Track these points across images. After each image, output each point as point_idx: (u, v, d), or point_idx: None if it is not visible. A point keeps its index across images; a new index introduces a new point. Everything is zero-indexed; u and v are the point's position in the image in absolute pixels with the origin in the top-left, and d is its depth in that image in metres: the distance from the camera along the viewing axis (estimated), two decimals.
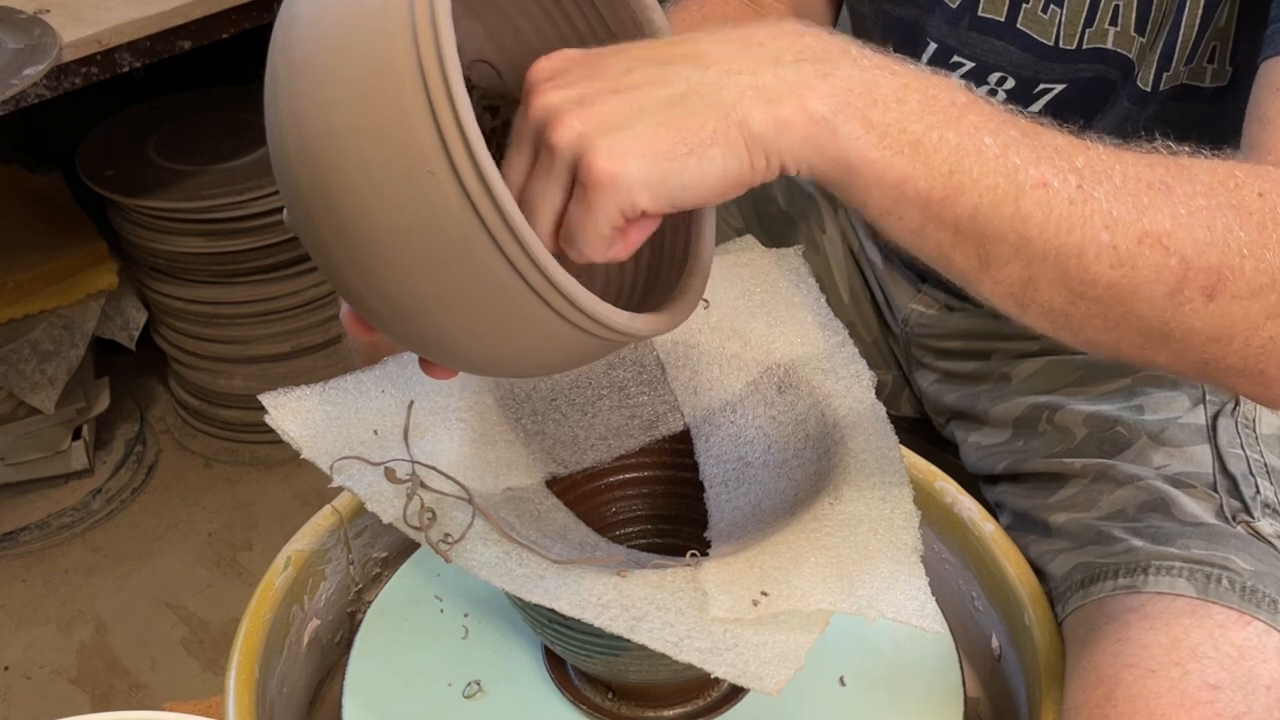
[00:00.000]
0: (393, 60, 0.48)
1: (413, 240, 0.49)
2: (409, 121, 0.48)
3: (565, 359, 0.57)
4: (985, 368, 0.96)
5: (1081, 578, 0.75)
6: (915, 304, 1.00)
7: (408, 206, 0.49)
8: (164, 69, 1.63)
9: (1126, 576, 0.73)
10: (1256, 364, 0.57)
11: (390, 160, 0.48)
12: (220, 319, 1.90)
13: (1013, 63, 0.83)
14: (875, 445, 0.70)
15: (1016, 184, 0.53)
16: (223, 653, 1.31)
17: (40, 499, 1.89)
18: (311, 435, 0.69)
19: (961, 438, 0.97)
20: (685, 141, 0.50)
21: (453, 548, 0.63)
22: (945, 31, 0.84)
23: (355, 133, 0.49)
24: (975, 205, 0.52)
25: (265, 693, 0.73)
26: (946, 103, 0.53)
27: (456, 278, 0.50)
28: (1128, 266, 0.54)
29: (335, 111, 0.49)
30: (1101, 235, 0.53)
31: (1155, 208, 0.54)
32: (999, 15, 0.81)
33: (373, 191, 0.49)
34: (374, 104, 0.48)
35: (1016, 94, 0.83)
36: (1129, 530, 0.76)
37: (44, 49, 1.31)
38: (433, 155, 0.48)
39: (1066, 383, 0.90)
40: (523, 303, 0.51)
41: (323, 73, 0.49)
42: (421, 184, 0.48)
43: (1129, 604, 0.71)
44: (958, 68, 0.85)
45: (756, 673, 0.56)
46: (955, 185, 0.52)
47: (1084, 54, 0.80)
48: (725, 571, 0.61)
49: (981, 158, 0.52)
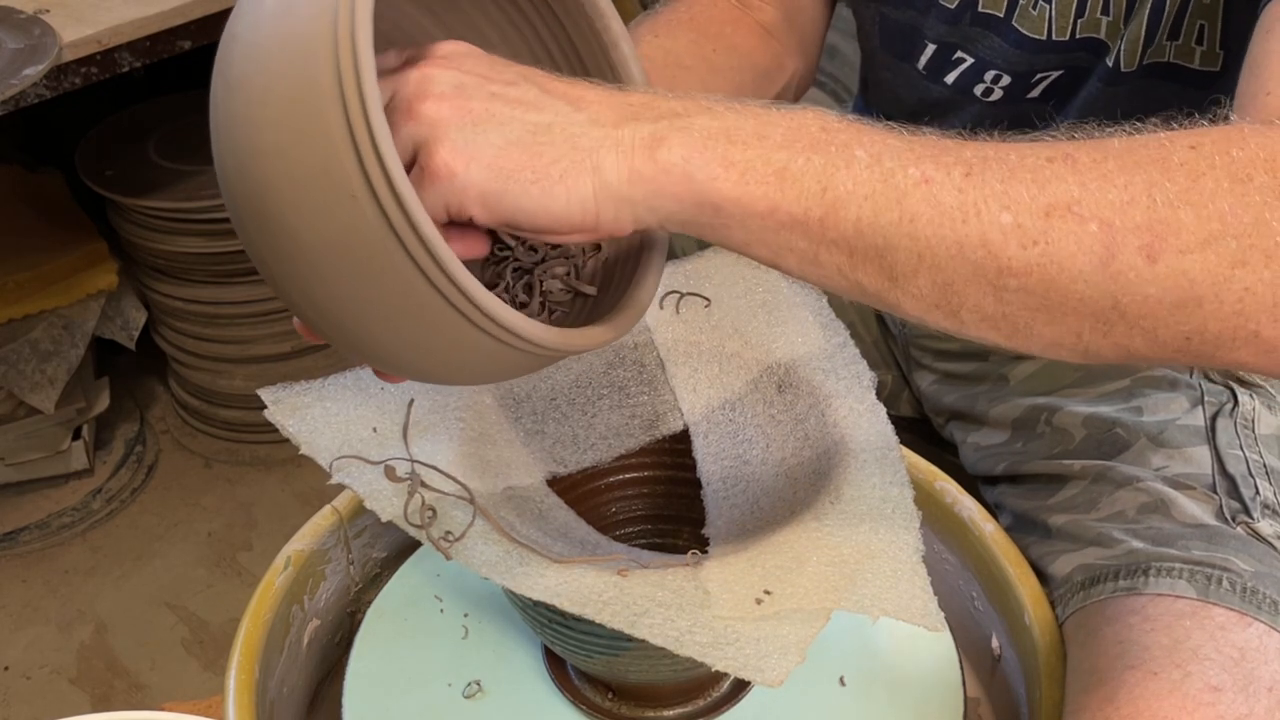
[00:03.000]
0: (315, 84, 0.49)
1: (339, 258, 0.51)
2: (331, 145, 0.49)
3: (498, 370, 0.58)
4: (983, 368, 0.96)
5: (1082, 579, 0.75)
6: None
7: (332, 226, 0.50)
8: (164, 69, 1.63)
9: (1127, 578, 0.72)
10: (1244, 324, 0.51)
11: (314, 181, 0.49)
12: (220, 319, 1.90)
13: (1007, 60, 0.83)
14: (875, 445, 0.70)
15: (895, 186, 0.51)
16: (223, 653, 1.31)
17: (40, 499, 1.89)
18: (310, 431, 0.69)
19: (960, 438, 0.97)
20: (534, 168, 0.51)
21: (453, 545, 0.63)
22: (944, 31, 0.85)
23: (282, 153, 0.50)
24: (857, 217, 0.51)
25: (265, 693, 0.73)
26: (815, 129, 0.52)
27: (382, 295, 0.51)
28: (1042, 244, 0.51)
29: (264, 132, 0.50)
30: (1002, 217, 0.50)
31: (1058, 178, 0.51)
32: (999, 10, 0.82)
33: (299, 210, 0.50)
34: (299, 126, 0.49)
35: (1014, 88, 0.84)
36: (1129, 532, 0.76)
37: (44, 49, 1.31)
38: (354, 180, 0.49)
39: (1065, 383, 0.90)
40: (446, 319, 0.52)
41: (254, 93, 0.50)
42: (344, 206, 0.49)
43: (1130, 606, 0.71)
44: (958, 64, 0.85)
45: (758, 666, 0.57)
46: (830, 202, 0.51)
47: (1077, 42, 0.80)
48: (727, 571, 0.61)
49: (853, 169, 0.51)
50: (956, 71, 0.86)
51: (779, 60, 0.92)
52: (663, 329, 0.79)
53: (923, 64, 0.88)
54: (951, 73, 0.86)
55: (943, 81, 0.88)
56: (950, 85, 0.87)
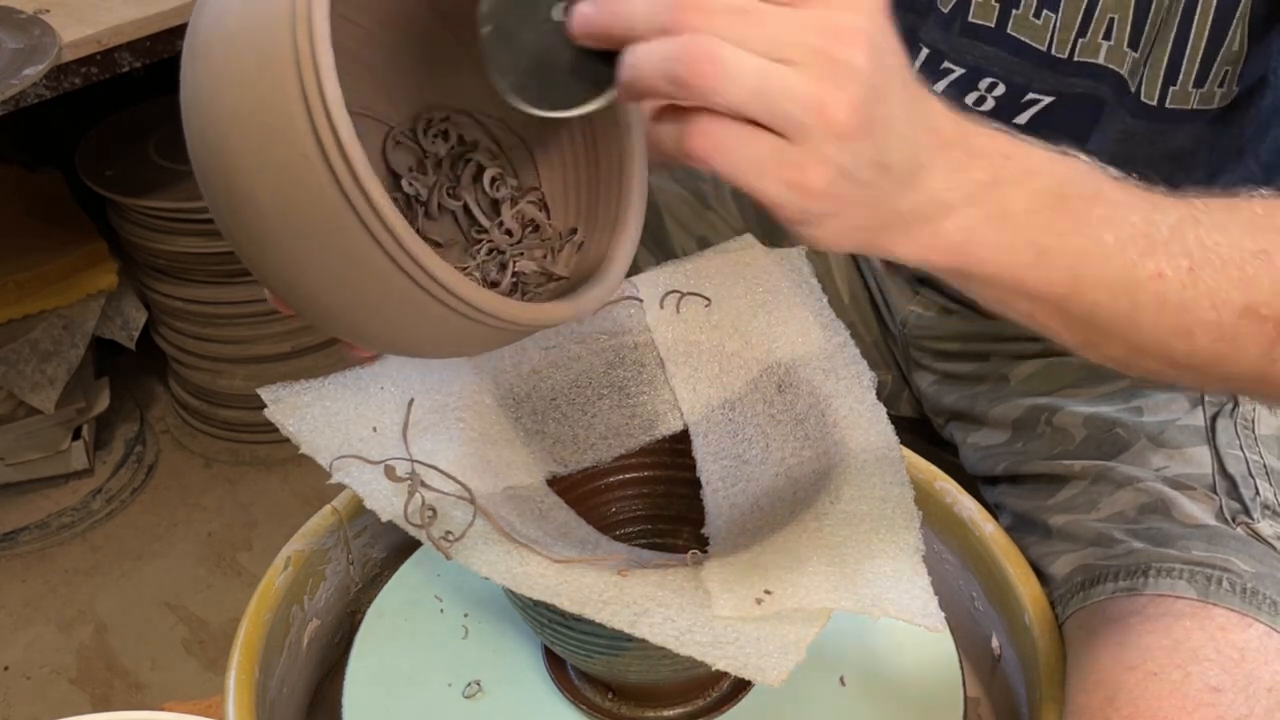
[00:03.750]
0: (274, 48, 0.49)
1: (294, 221, 0.51)
2: (286, 107, 0.49)
3: (459, 343, 0.58)
4: (984, 369, 0.96)
5: (1082, 580, 0.75)
6: (913, 305, 1.00)
7: (287, 188, 0.50)
8: (164, 69, 1.63)
9: (1127, 579, 0.73)
10: None
11: (270, 143, 0.50)
12: (220, 319, 1.90)
13: (1004, 68, 0.82)
14: (875, 445, 0.70)
15: (1133, 279, 0.54)
16: (223, 653, 1.31)
17: (40, 499, 1.89)
18: (310, 431, 0.69)
19: (960, 439, 0.97)
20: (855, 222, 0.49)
21: (453, 545, 0.63)
22: (938, 37, 0.84)
23: (240, 116, 0.50)
24: (1094, 301, 0.54)
25: (265, 693, 0.73)
26: (1075, 199, 0.54)
27: (337, 261, 0.52)
28: (1229, 339, 0.55)
29: (225, 95, 0.51)
30: (1209, 314, 0.55)
31: (1257, 278, 0.56)
32: (989, 21, 0.81)
33: (257, 172, 0.50)
34: (256, 89, 0.50)
35: (1005, 101, 0.83)
36: (1129, 532, 0.76)
37: (44, 49, 1.31)
38: (306, 141, 0.49)
39: (1065, 384, 0.90)
40: (398, 285, 0.52)
41: (217, 57, 0.51)
42: (298, 168, 0.49)
43: (1130, 606, 0.71)
44: (948, 74, 0.84)
45: (758, 665, 0.57)
46: (1073, 285, 0.54)
47: (1074, 66, 0.79)
48: (728, 571, 0.61)
49: (1102, 260, 0.54)
50: (946, 80, 0.85)
51: None
52: (663, 328, 0.79)
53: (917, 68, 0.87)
54: (940, 81, 0.85)
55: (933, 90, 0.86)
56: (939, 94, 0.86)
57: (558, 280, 0.65)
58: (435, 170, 0.67)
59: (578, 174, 0.66)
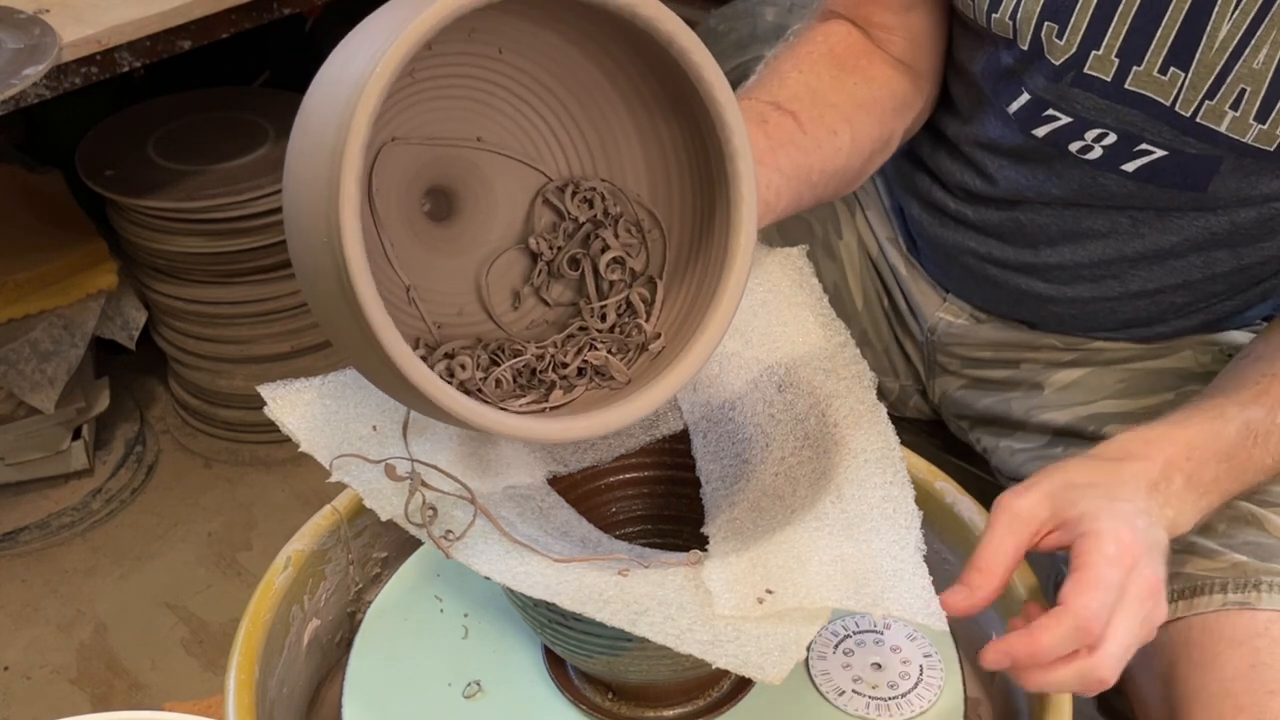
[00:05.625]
0: (325, 135, 0.55)
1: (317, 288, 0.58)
2: (320, 192, 0.55)
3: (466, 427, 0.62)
4: (1016, 375, 0.96)
5: (1181, 588, 0.76)
6: (942, 313, 0.99)
7: (312, 260, 0.57)
8: (164, 69, 1.63)
9: (1236, 592, 0.74)
10: None
11: (308, 214, 0.56)
12: (220, 319, 1.90)
13: (1118, 119, 0.80)
14: (876, 445, 0.70)
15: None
16: (223, 653, 1.30)
17: (40, 499, 1.89)
18: (310, 429, 0.69)
19: (991, 443, 0.97)
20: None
21: (454, 544, 0.63)
22: (1044, 86, 0.81)
23: (297, 182, 0.57)
24: None
25: (265, 693, 0.73)
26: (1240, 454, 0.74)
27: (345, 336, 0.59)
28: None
29: (295, 158, 0.57)
30: None
31: None
32: (1106, 75, 0.78)
33: (299, 235, 0.57)
34: (310, 162, 0.56)
35: (1114, 151, 0.81)
36: (1224, 544, 0.77)
37: (44, 49, 1.31)
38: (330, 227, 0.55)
39: (1106, 394, 0.91)
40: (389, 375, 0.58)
41: (301, 123, 0.58)
42: (319, 248, 0.56)
43: (1252, 628, 0.73)
44: (1051, 121, 0.82)
45: (759, 663, 0.57)
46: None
47: (1193, 127, 0.77)
48: (729, 570, 0.61)
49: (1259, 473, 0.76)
50: (1048, 127, 0.83)
51: (912, 90, 0.90)
52: None
53: (1014, 109, 0.84)
54: (1041, 127, 0.83)
55: (1031, 134, 0.84)
56: (1040, 139, 0.84)
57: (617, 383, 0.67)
58: (568, 237, 0.69)
59: (695, 286, 0.67)
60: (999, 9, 0.80)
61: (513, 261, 0.70)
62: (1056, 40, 0.78)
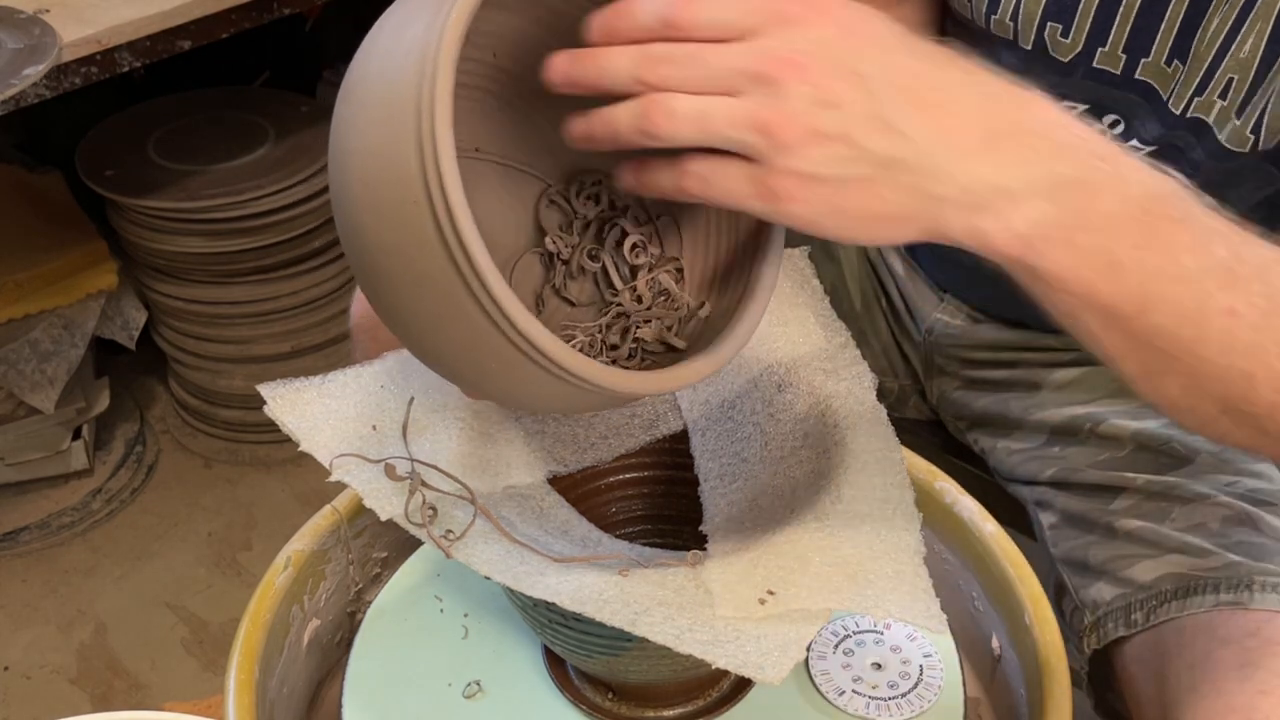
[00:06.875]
0: (401, 97, 0.53)
1: (399, 261, 0.54)
2: (402, 151, 0.52)
3: (549, 402, 0.61)
4: (1014, 375, 0.96)
5: (1175, 588, 0.76)
6: (939, 313, 0.99)
7: (395, 228, 0.53)
8: (164, 69, 1.63)
9: (1229, 591, 0.73)
10: None
11: (385, 182, 0.53)
12: (220, 319, 1.90)
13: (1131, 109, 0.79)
14: (876, 446, 0.70)
15: (1204, 309, 0.53)
16: (223, 653, 1.31)
17: (40, 499, 1.89)
18: (310, 428, 0.69)
19: (989, 444, 0.97)
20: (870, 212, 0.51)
21: (454, 544, 0.63)
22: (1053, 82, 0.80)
23: (364, 153, 0.54)
24: (1158, 324, 0.53)
25: (265, 693, 0.73)
26: (1161, 217, 0.53)
27: (433, 302, 0.54)
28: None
29: (354, 133, 0.55)
30: (1275, 363, 0.53)
31: None
32: (1114, 68, 0.78)
33: (371, 210, 0.54)
34: (380, 131, 0.53)
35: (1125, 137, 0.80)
36: (1220, 544, 0.77)
37: (44, 49, 1.31)
38: (416, 185, 0.52)
39: (1104, 393, 0.91)
40: (490, 338, 0.55)
41: (355, 98, 0.55)
42: (407, 211, 0.52)
43: (1244, 627, 0.72)
44: None
45: (758, 663, 0.57)
46: (1141, 303, 0.52)
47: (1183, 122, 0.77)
48: (729, 571, 0.61)
49: (1176, 281, 0.52)
50: None
51: None
52: None
53: None
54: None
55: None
56: None
57: (676, 351, 0.66)
58: (581, 233, 0.69)
59: (718, 247, 0.68)
60: (998, 10, 0.80)
61: (528, 267, 0.70)
62: (1061, 39, 0.78)
